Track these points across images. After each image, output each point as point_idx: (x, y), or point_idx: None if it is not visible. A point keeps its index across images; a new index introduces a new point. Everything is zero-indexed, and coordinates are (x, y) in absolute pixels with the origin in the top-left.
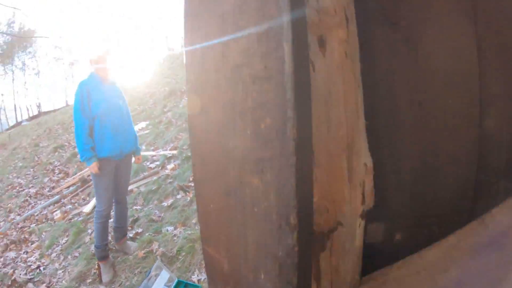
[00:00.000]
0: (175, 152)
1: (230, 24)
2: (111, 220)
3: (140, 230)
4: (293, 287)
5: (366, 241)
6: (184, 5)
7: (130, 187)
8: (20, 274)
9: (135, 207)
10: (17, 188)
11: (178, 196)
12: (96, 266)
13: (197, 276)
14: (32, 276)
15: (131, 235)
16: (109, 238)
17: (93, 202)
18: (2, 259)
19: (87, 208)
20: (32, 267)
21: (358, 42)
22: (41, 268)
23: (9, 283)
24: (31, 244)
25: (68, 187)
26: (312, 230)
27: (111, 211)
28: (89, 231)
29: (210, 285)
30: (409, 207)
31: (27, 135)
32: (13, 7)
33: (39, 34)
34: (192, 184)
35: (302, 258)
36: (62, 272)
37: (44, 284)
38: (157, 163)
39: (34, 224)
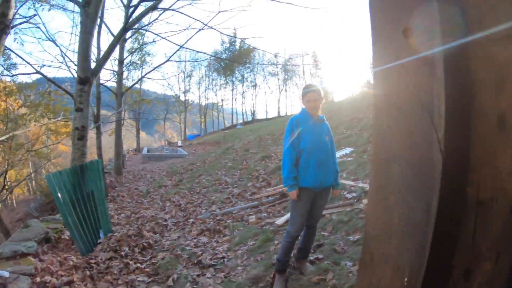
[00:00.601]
0: None
1: None
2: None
3: (321, 256)
4: None
5: None
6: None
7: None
8: (206, 258)
9: (322, 233)
10: (223, 185)
11: None
12: (272, 275)
13: None
14: (215, 263)
15: (311, 257)
16: (292, 255)
17: (286, 217)
18: (195, 240)
19: (279, 221)
20: (218, 256)
21: None
22: (225, 259)
23: (195, 261)
24: (223, 237)
25: (268, 196)
26: None
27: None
28: (276, 241)
29: None
30: None
31: (240, 138)
32: (233, 35)
33: (256, 51)
34: None
35: None
36: (242, 269)
37: (223, 274)
38: (354, 194)
39: (230, 221)
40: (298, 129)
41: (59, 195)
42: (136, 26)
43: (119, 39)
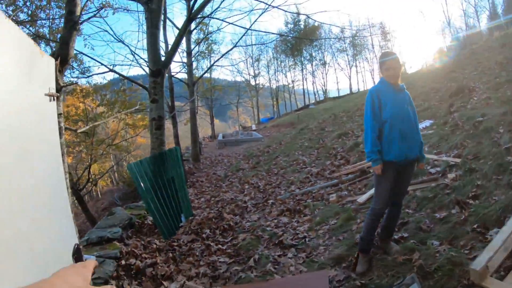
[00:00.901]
0: (458, 160)
1: None
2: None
3: (405, 235)
4: None
5: None
6: None
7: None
8: (287, 238)
9: (407, 210)
10: (301, 164)
11: (453, 211)
12: (355, 255)
13: None
14: (296, 243)
15: (396, 236)
16: (375, 233)
17: (368, 194)
18: (276, 221)
19: (361, 199)
20: (299, 236)
21: None
22: (306, 239)
23: (276, 242)
24: (303, 216)
25: (347, 174)
26: None
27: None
28: (358, 220)
29: None
30: None
31: (314, 118)
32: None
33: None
34: (471, 202)
35: None
36: (324, 249)
37: (304, 254)
38: (438, 169)
39: (310, 200)
40: (379, 100)
41: (141, 182)
42: (199, 15)
43: (185, 30)
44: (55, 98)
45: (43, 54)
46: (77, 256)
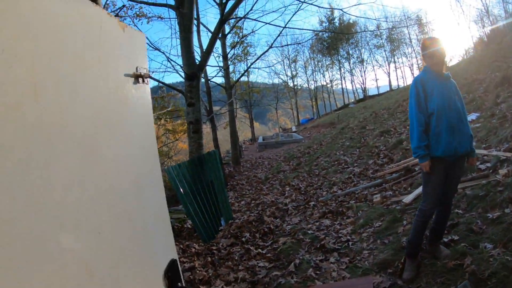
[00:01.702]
0: (509, 154)
1: None
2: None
3: (456, 238)
4: None
5: None
6: None
7: None
8: (330, 242)
9: (456, 211)
10: (343, 165)
11: (507, 210)
12: (402, 260)
13: None
14: (339, 247)
15: (445, 240)
16: (424, 237)
17: (414, 193)
18: (317, 223)
19: (407, 199)
20: (342, 239)
21: None
22: (350, 243)
23: (318, 246)
24: (346, 219)
25: (391, 173)
26: None
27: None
28: (404, 222)
29: None
30: None
31: (354, 116)
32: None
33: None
34: None
35: None
36: (368, 253)
37: (347, 258)
38: (488, 164)
39: (353, 201)
40: (424, 90)
41: (179, 186)
42: (232, 17)
43: (218, 31)
44: (147, 79)
45: (124, 26)
46: (172, 274)
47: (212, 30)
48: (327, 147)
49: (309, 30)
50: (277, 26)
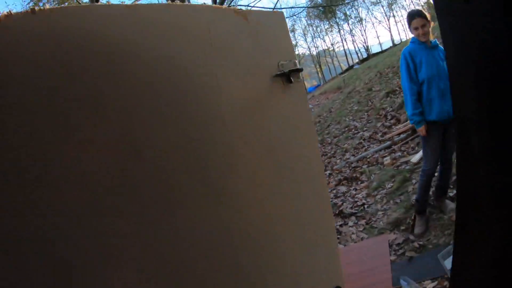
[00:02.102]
0: None
1: None
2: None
3: None
4: None
5: None
6: None
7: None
8: (347, 207)
9: None
10: (353, 130)
11: None
12: (412, 217)
13: None
14: (356, 211)
15: (451, 194)
16: (430, 193)
17: (421, 153)
18: (334, 191)
19: (414, 158)
20: (358, 203)
21: None
22: (365, 206)
23: (336, 212)
24: (360, 183)
25: (399, 134)
26: None
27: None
28: (413, 181)
29: None
30: None
31: (360, 78)
32: None
33: None
34: None
35: None
36: (382, 213)
37: (364, 220)
38: None
39: (366, 166)
40: (413, 61)
41: None
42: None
43: None
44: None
45: (245, 14)
46: None
47: None
48: (337, 114)
49: (299, 7)
50: (266, 8)
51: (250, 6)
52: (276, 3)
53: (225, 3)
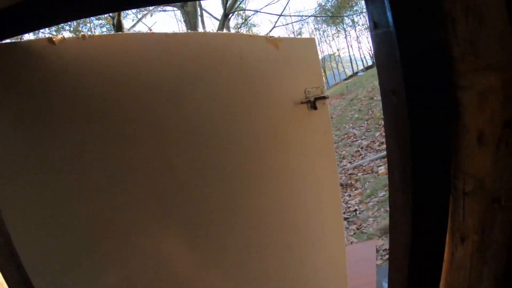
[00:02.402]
0: None
1: None
2: None
3: None
4: None
5: None
6: None
7: None
8: None
9: None
10: (352, 138)
11: None
12: None
13: None
14: (348, 216)
15: None
16: None
17: None
18: None
19: None
20: (351, 209)
21: None
22: (357, 212)
23: None
24: (355, 190)
25: None
26: None
27: None
28: None
29: None
30: None
31: (363, 86)
32: None
33: None
34: None
35: None
36: (372, 220)
37: (355, 226)
38: None
39: (361, 173)
40: None
41: None
42: (234, 8)
43: (223, 26)
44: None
45: (277, 41)
46: None
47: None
48: (338, 120)
49: (308, 16)
50: (274, 14)
51: (257, 11)
52: (285, 7)
53: (229, 6)
